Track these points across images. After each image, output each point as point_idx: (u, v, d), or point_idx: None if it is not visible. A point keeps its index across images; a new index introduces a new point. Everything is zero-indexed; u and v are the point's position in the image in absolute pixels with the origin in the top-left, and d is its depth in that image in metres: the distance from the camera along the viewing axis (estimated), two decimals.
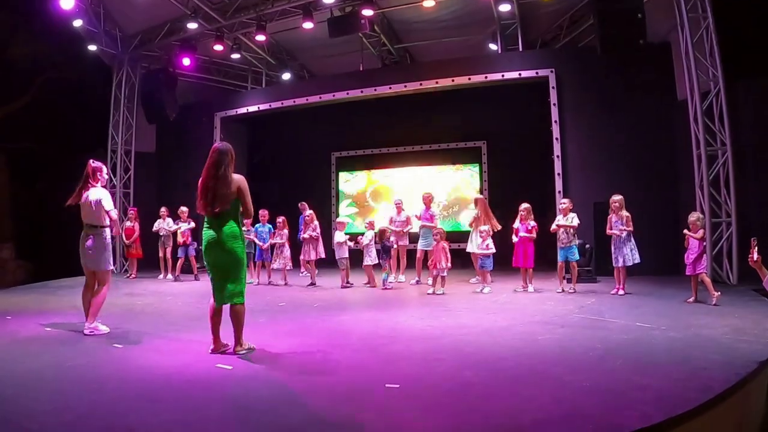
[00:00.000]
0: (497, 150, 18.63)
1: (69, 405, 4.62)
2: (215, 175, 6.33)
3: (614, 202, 10.72)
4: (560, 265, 11.34)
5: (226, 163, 6.39)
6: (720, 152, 12.20)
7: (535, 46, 16.84)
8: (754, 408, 5.64)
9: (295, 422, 4.23)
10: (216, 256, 6.41)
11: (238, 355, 6.28)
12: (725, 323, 7.62)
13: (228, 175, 6.36)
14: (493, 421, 4.18)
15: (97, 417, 4.36)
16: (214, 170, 6.35)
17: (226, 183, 6.33)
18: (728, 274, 12.00)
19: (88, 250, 7.78)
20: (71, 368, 5.79)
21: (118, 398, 4.81)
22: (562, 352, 6.33)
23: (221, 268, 6.41)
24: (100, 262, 7.80)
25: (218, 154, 6.41)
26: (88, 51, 17.35)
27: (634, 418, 4.10)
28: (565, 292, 11.07)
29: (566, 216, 11.20)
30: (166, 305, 10.63)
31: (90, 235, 7.78)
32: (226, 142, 6.66)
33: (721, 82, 12.13)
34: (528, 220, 11.52)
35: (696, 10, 12.32)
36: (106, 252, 7.85)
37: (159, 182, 19.40)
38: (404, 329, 7.92)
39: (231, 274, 6.41)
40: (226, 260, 6.39)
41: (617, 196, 10.75)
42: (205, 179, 6.40)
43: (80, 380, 5.36)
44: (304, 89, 18.12)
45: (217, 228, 6.38)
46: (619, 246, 10.60)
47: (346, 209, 20.49)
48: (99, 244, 7.77)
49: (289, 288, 12.93)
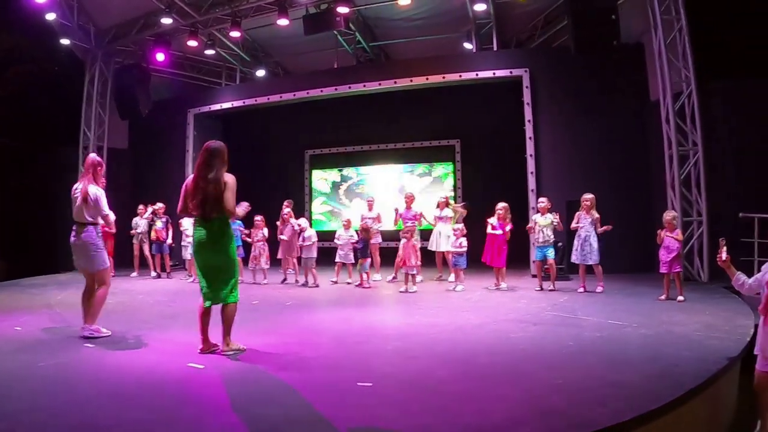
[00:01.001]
0: (471, 149, 18.69)
1: (40, 405, 4.53)
2: (205, 177, 6.17)
3: (585, 201, 10.78)
4: (537, 263, 11.38)
5: (217, 164, 6.23)
6: (691, 152, 12.33)
7: (509, 45, 16.88)
8: (725, 404, 5.69)
9: (268, 421, 4.19)
10: (209, 257, 6.29)
11: (226, 356, 6.17)
12: (697, 320, 7.69)
13: (220, 177, 6.20)
14: (466, 419, 4.16)
15: (68, 416, 4.29)
16: (206, 172, 6.19)
17: (218, 185, 6.17)
18: (699, 272, 12.14)
19: (79, 250, 7.25)
20: (43, 368, 5.68)
21: (90, 398, 4.74)
22: (535, 349, 6.34)
23: (215, 268, 6.29)
24: (94, 262, 7.25)
25: (208, 155, 6.25)
26: (61, 45, 17.08)
27: (607, 415, 4.11)
28: (543, 290, 11.11)
29: (545, 215, 11.24)
30: (137, 304, 10.52)
31: (79, 233, 7.21)
32: (220, 141, 6.48)
33: (693, 83, 12.27)
34: (506, 220, 11.53)
35: (669, 12, 12.43)
36: (99, 250, 7.28)
37: (132, 179, 19.17)
38: (377, 327, 7.92)
39: (225, 275, 6.32)
40: (220, 261, 6.30)
41: (589, 194, 10.81)
42: (196, 179, 6.24)
43: (52, 380, 5.26)
44: (279, 86, 18.03)
45: (210, 228, 6.25)
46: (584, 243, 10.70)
47: (320, 207, 20.45)
48: (89, 242, 7.21)
49: (263, 286, 12.83)
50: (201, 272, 6.35)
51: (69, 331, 7.56)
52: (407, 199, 13.34)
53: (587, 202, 10.75)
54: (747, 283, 5.32)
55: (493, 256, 11.51)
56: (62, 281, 13.78)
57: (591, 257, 10.64)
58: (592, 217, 10.64)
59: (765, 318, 5.00)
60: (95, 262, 7.25)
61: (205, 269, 6.32)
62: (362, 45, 18.11)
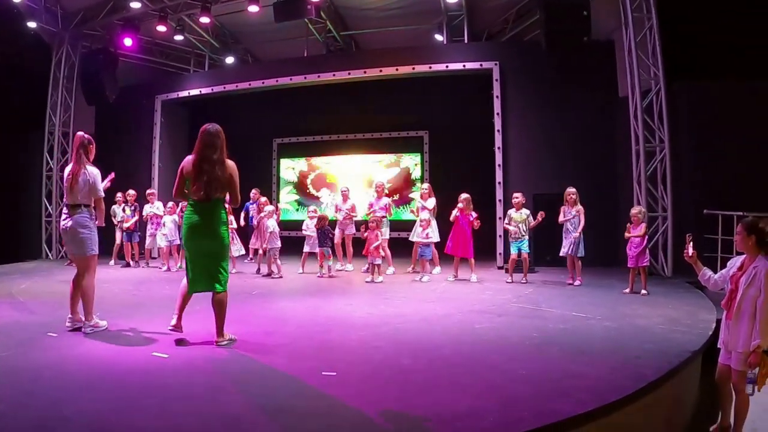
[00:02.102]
0: (439, 140, 18.71)
1: (3, 395, 4.44)
2: (211, 159, 6.07)
3: (570, 195, 10.90)
4: (513, 257, 11.42)
5: (219, 145, 6.16)
6: (658, 149, 12.44)
7: (480, 38, 16.91)
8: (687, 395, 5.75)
9: (233, 410, 4.18)
10: (203, 243, 6.18)
11: (220, 347, 6.06)
12: (660, 314, 7.78)
13: (224, 159, 6.15)
14: (430, 409, 4.16)
15: (32, 407, 4.20)
16: (210, 153, 6.09)
17: (223, 167, 6.12)
18: (663, 266, 12.26)
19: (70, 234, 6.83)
20: (5, 358, 5.54)
21: (54, 387, 4.67)
22: (500, 340, 6.37)
23: (207, 254, 6.19)
24: (84, 246, 6.80)
25: (210, 136, 6.16)
26: (27, 28, 16.66)
27: (569, 405, 4.14)
28: (513, 282, 11.19)
29: (519, 211, 11.28)
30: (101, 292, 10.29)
31: (72, 216, 6.82)
32: (216, 124, 6.38)
33: (662, 81, 12.37)
34: (468, 210, 11.55)
35: (641, 10, 12.53)
36: (91, 234, 6.87)
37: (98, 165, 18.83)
38: (342, 317, 7.88)
39: (216, 262, 6.22)
40: (214, 247, 6.19)
41: (573, 188, 10.95)
42: (198, 162, 6.10)
43: (15, 370, 5.15)
44: (248, 74, 17.82)
45: (208, 213, 6.16)
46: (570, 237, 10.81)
47: (287, 196, 20.35)
48: (82, 224, 6.80)
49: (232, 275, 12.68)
50: (190, 258, 6.24)
51: (32, 321, 7.41)
52: (378, 189, 13.27)
53: (572, 196, 10.87)
54: (713, 279, 5.37)
55: (459, 246, 11.53)
56: (26, 270, 13.55)
57: (575, 250, 10.77)
58: (576, 210, 10.77)
59: (728, 312, 5.07)
60: (85, 246, 6.81)
61: (197, 255, 6.21)
62: (333, 34, 18.00)
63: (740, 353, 4.90)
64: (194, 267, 6.21)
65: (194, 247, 6.21)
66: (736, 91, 12.77)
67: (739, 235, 5.13)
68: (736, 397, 5.02)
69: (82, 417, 4.02)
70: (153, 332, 6.57)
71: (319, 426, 3.90)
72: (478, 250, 11.87)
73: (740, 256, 5.25)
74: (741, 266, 5.10)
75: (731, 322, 5.02)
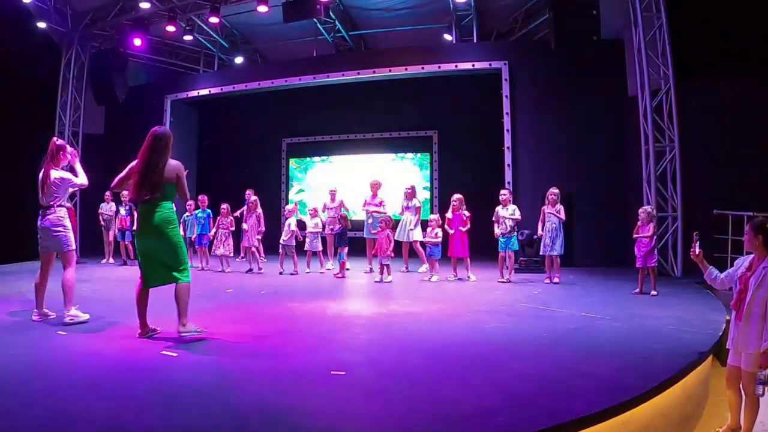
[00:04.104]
0: (448, 140, 18.64)
1: (11, 393, 4.44)
2: (149, 163, 6.24)
3: (552, 194, 10.99)
4: (501, 255, 11.40)
5: (161, 149, 6.28)
6: (668, 148, 12.41)
7: (490, 38, 16.90)
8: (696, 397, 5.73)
9: (241, 409, 4.16)
10: (149, 243, 6.30)
11: (182, 336, 6.15)
12: (669, 314, 7.74)
13: (161, 164, 6.25)
14: (440, 409, 4.14)
15: (39, 405, 4.20)
16: (148, 156, 6.26)
17: (158, 171, 6.22)
18: (673, 267, 12.23)
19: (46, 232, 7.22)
20: (14, 356, 5.55)
21: (62, 386, 4.66)
22: (509, 340, 6.36)
23: (156, 254, 6.29)
24: (60, 243, 7.21)
25: (155, 140, 6.32)
26: (37, 28, 16.73)
27: (579, 405, 4.12)
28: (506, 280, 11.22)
29: (506, 207, 11.27)
30: (110, 291, 10.41)
31: (45, 215, 7.21)
32: (166, 127, 6.50)
33: (672, 80, 12.34)
34: (461, 211, 11.56)
35: (650, 10, 12.49)
36: (66, 230, 7.26)
37: (107, 165, 18.91)
38: (351, 317, 7.88)
39: (170, 260, 6.31)
40: (161, 247, 6.27)
41: (556, 189, 11.03)
42: (141, 165, 6.29)
43: (23, 368, 5.15)
44: (257, 74, 17.88)
45: (150, 214, 6.25)
46: (553, 235, 10.87)
47: (296, 196, 20.33)
48: (56, 223, 7.17)
49: (236, 274, 12.75)
50: (139, 256, 6.42)
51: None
52: (373, 186, 13.27)
53: (554, 196, 10.99)
54: (719, 278, 5.35)
55: (458, 247, 11.54)
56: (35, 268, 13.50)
57: (555, 249, 10.86)
58: (556, 210, 10.88)
59: (737, 313, 5.03)
60: (62, 243, 7.23)
61: (145, 254, 6.36)
62: (342, 34, 18.02)
63: (750, 354, 4.87)
64: (145, 263, 6.37)
65: (143, 248, 6.37)
66: (746, 91, 12.68)
67: (747, 236, 5.11)
68: (746, 398, 4.99)
69: (91, 415, 4.02)
70: (162, 331, 6.57)
71: (328, 426, 3.89)
72: (487, 249, 11.86)
73: (749, 255, 5.23)
74: (750, 266, 5.07)
75: (741, 323, 4.99)
